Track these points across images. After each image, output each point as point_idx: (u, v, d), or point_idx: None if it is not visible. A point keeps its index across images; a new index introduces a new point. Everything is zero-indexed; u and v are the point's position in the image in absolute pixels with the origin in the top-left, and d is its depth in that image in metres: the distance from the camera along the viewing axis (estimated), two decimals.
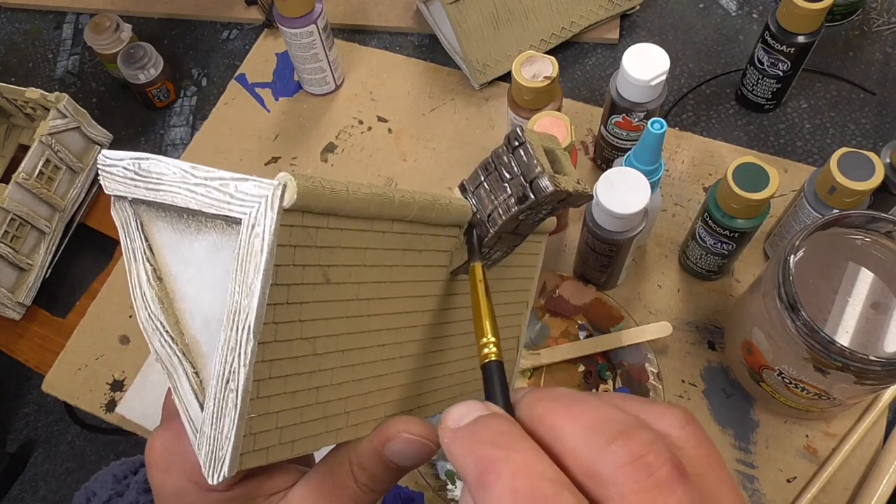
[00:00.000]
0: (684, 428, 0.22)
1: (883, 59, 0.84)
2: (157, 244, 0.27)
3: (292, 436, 0.26)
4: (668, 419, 0.22)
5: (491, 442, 0.20)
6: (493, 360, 0.25)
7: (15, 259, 0.79)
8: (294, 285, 0.24)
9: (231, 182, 0.23)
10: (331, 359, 0.27)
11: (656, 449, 0.19)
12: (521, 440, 0.20)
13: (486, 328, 0.26)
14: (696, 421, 0.22)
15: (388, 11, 0.94)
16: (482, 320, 0.27)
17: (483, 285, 0.28)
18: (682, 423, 0.22)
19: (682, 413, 0.22)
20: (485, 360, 0.25)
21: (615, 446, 0.19)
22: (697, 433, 0.22)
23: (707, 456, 0.21)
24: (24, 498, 1.42)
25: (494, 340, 0.26)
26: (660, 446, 0.19)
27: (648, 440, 0.19)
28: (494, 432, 0.21)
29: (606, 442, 0.19)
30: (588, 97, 0.86)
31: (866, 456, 0.64)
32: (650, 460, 0.19)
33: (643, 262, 0.74)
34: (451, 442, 0.21)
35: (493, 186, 0.30)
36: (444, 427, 0.22)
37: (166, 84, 0.91)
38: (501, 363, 0.25)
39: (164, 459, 0.28)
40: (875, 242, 0.55)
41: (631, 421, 0.20)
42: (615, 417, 0.20)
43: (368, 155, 0.85)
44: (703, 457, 0.21)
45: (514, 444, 0.20)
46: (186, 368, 0.26)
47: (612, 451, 0.19)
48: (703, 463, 0.21)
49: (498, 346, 0.26)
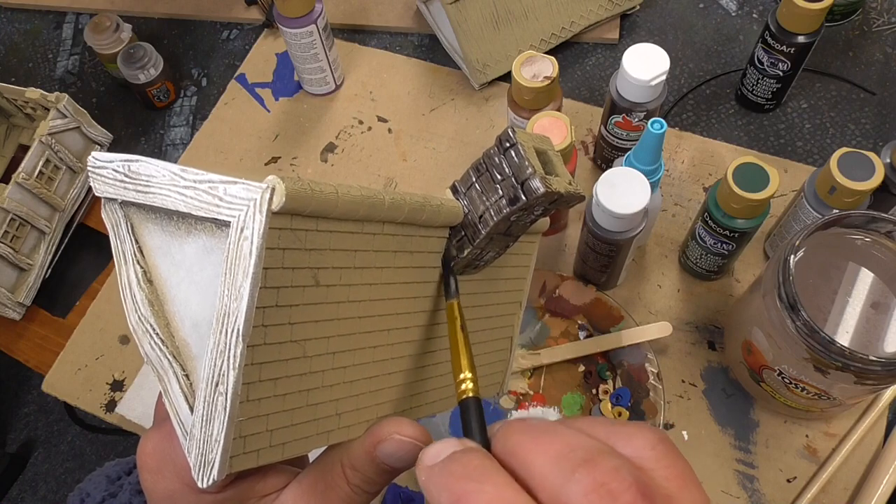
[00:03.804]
0: (655, 448, 0.21)
1: (883, 59, 0.84)
2: (147, 246, 0.27)
3: (283, 438, 0.26)
4: (638, 440, 0.22)
5: (465, 476, 0.21)
6: (470, 396, 0.26)
7: (15, 259, 0.80)
8: (283, 288, 0.24)
9: (220, 185, 0.23)
10: (321, 361, 0.27)
11: (620, 476, 0.19)
12: (493, 473, 0.21)
13: (462, 365, 0.27)
14: (668, 440, 0.22)
15: (388, 11, 0.94)
16: (459, 357, 0.27)
17: (459, 322, 0.29)
18: (652, 444, 0.21)
19: (652, 433, 0.22)
20: (462, 396, 0.26)
21: (579, 474, 0.19)
22: (669, 452, 0.21)
23: (680, 476, 0.21)
24: (24, 498, 1.42)
25: (471, 377, 0.26)
26: (623, 473, 0.19)
27: (612, 467, 0.19)
28: (468, 467, 0.21)
29: (571, 470, 0.19)
30: (588, 97, 0.86)
31: (866, 456, 0.64)
32: (613, 487, 0.19)
33: (643, 262, 0.74)
34: (427, 479, 0.22)
35: (484, 188, 0.30)
36: (422, 464, 0.22)
37: (166, 84, 0.91)
38: (479, 399, 0.26)
39: (155, 462, 0.28)
40: (875, 242, 0.55)
41: (596, 447, 0.20)
42: (581, 444, 0.20)
43: (368, 155, 0.85)
44: (675, 477, 0.21)
45: (486, 476, 0.20)
46: (176, 371, 0.26)
47: (576, 479, 0.19)
48: (676, 483, 0.21)
49: (475, 381, 0.26)
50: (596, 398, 0.68)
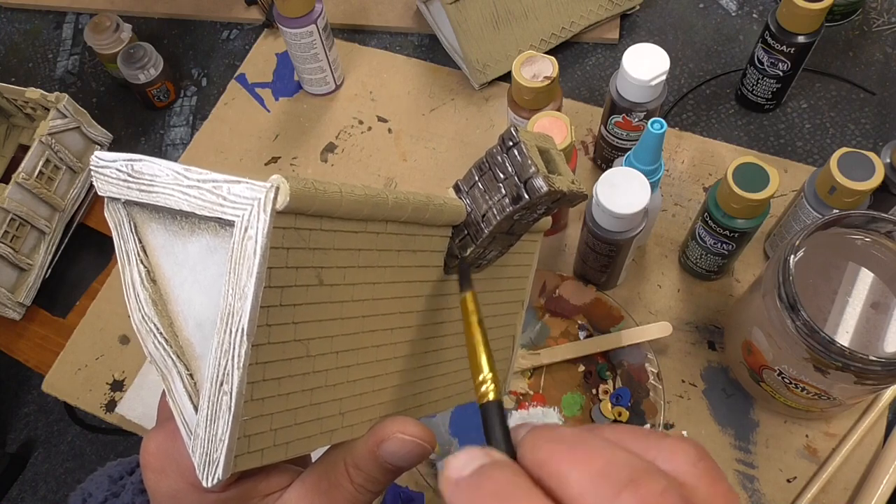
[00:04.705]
0: (696, 465, 0.20)
1: (883, 59, 0.84)
2: (150, 246, 0.27)
3: (287, 437, 0.26)
4: (680, 456, 0.21)
5: (496, 494, 0.19)
6: (491, 399, 0.24)
7: (15, 259, 0.80)
8: (287, 287, 0.24)
9: (224, 184, 0.23)
10: (325, 360, 0.27)
11: (668, 499, 0.18)
12: (525, 491, 0.19)
13: (481, 364, 0.25)
14: (709, 456, 0.21)
15: (388, 11, 0.94)
16: (478, 355, 0.25)
17: (476, 317, 0.27)
18: (694, 460, 0.21)
19: (694, 448, 0.21)
20: (483, 399, 0.24)
21: (625, 496, 0.18)
22: (711, 470, 0.21)
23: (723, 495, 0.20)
24: (24, 498, 1.42)
25: (492, 376, 0.24)
26: (672, 495, 0.18)
27: (660, 489, 0.18)
28: (499, 483, 0.20)
29: (615, 491, 0.18)
30: (588, 97, 0.86)
31: (866, 456, 0.64)
32: None
33: (643, 262, 0.74)
34: (452, 493, 0.20)
35: (487, 186, 0.30)
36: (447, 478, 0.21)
37: (166, 84, 0.91)
38: (501, 402, 0.24)
39: (158, 461, 0.28)
40: (875, 242, 0.55)
41: (640, 466, 0.19)
42: (623, 461, 0.19)
43: (368, 155, 0.85)
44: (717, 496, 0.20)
45: (518, 495, 0.19)
46: (180, 370, 0.26)
47: (621, 501, 0.18)
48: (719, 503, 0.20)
49: (496, 382, 0.24)
50: (596, 398, 0.68)
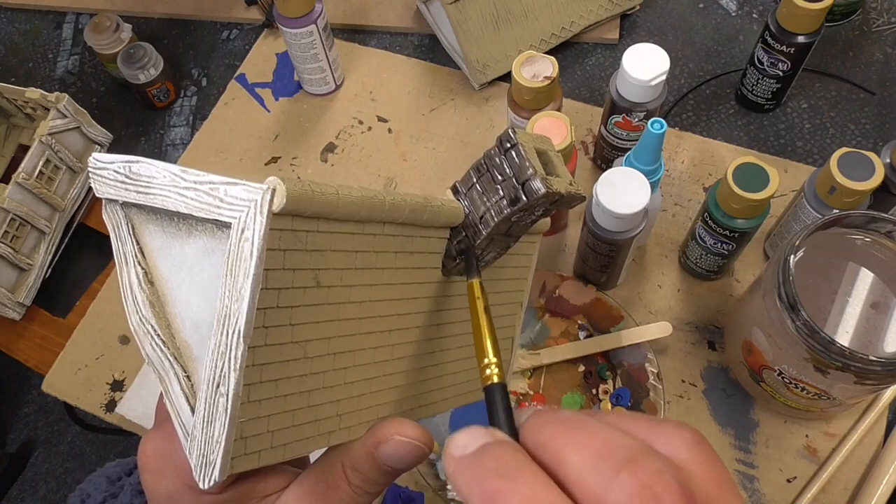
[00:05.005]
0: (693, 449, 0.21)
1: (883, 59, 0.84)
2: (148, 247, 0.27)
3: (284, 439, 0.26)
4: (676, 441, 0.21)
5: (496, 471, 0.20)
6: (495, 382, 0.24)
7: (15, 259, 0.80)
8: (284, 289, 0.24)
9: (221, 186, 0.23)
10: (322, 362, 0.27)
11: (665, 479, 0.18)
12: (527, 469, 0.20)
13: (487, 349, 0.26)
14: (705, 441, 0.21)
15: (388, 11, 0.94)
16: (483, 340, 0.26)
17: (483, 303, 0.28)
18: (690, 445, 0.21)
19: (691, 433, 0.21)
20: (487, 381, 0.25)
21: (623, 475, 0.18)
22: (708, 455, 0.21)
23: (719, 479, 0.21)
24: (24, 498, 1.42)
25: (496, 361, 0.25)
26: (668, 476, 0.18)
27: (657, 469, 0.19)
28: (500, 461, 0.20)
29: (614, 471, 0.19)
30: (588, 97, 0.86)
31: (866, 456, 0.64)
32: (658, 490, 0.18)
33: (643, 262, 0.74)
34: (455, 471, 0.21)
35: (485, 188, 0.30)
36: (449, 455, 0.21)
37: (166, 84, 0.91)
38: (505, 385, 0.24)
39: (156, 462, 0.28)
40: (875, 242, 0.55)
41: (638, 447, 0.19)
42: (622, 444, 0.19)
43: (368, 155, 0.85)
44: (713, 479, 0.20)
45: (520, 473, 0.20)
46: (177, 372, 0.26)
47: (619, 480, 0.18)
48: (714, 487, 0.20)
49: (500, 366, 0.25)
50: (596, 398, 0.68)
